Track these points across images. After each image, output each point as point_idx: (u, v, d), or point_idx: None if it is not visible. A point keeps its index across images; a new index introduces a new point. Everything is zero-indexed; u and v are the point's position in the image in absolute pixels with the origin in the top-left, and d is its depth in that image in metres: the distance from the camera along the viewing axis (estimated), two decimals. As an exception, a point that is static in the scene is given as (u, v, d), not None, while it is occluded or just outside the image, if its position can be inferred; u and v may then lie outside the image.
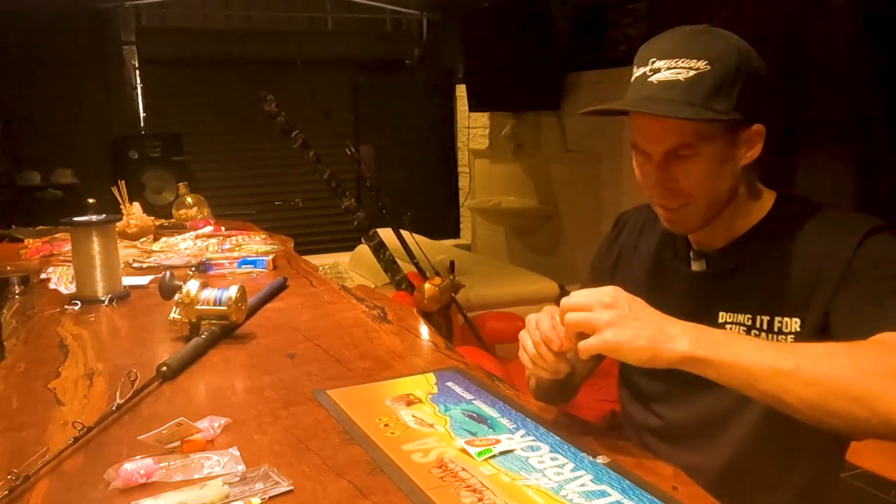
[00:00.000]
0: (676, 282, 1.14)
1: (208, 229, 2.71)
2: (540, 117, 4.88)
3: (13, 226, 2.90)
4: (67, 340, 1.47)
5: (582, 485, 0.81)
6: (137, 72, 5.30)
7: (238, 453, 0.91)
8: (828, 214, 1.04)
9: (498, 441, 0.92)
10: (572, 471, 0.85)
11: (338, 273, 5.15)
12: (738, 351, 0.85)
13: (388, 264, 3.37)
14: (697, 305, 1.08)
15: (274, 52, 5.68)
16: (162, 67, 5.35)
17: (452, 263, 3.25)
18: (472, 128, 5.86)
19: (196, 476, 0.86)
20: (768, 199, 1.09)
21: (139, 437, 0.94)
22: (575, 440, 0.92)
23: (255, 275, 2.03)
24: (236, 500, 0.79)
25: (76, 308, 1.71)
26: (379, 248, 3.37)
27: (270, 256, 2.13)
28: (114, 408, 1.03)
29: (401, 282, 3.33)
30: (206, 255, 2.24)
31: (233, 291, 1.40)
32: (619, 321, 0.87)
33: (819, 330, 0.98)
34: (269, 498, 0.80)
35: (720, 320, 1.06)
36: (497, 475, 0.84)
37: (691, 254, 1.13)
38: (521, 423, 0.98)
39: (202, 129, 5.55)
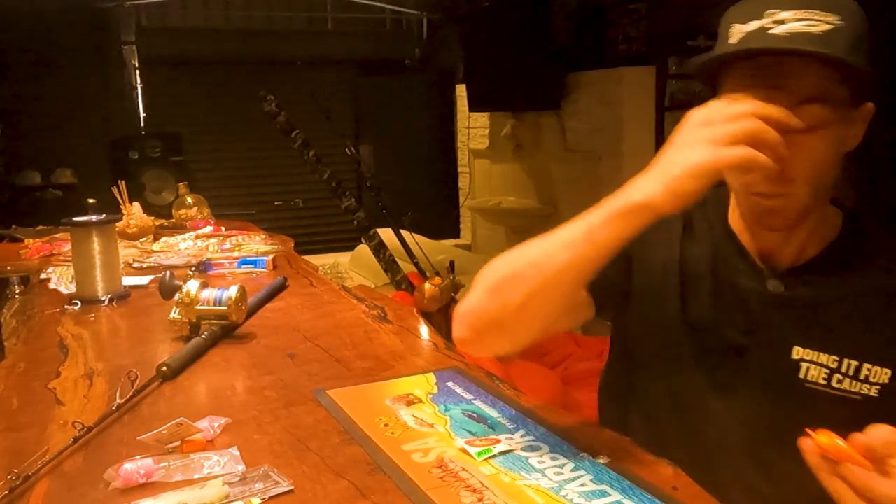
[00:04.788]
0: (746, 302, 0.97)
1: (208, 229, 2.71)
2: (540, 117, 4.88)
3: (13, 226, 2.89)
4: (67, 340, 1.47)
5: (582, 485, 0.81)
6: (137, 72, 5.30)
7: (238, 453, 0.91)
8: None
9: (498, 441, 0.92)
10: (572, 471, 0.85)
11: (338, 273, 5.15)
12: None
13: (388, 264, 3.37)
14: (772, 333, 0.95)
15: (274, 52, 5.68)
16: (162, 67, 5.35)
17: (452, 263, 3.25)
18: (472, 128, 5.86)
19: (196, 476, 0.86)
20: (834, 213, 0.97)
21: (139, 437, 0.94)
22: (575, 440, 0.92)
23: (255, 275, 2.03)
24: (236, 500, 0.79)
25: (76, 308, 1.71)
26: (379, 248, 3.37)
27: (270, 256, 2.13)
28: (114, 408, 1.03)
29: (401, 282, 3.33)
30: (206, 255, 2.24)
31: (233, 291, 1.40)
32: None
33: None
34: (269, 498, 0.80)
35: (795, 356, 0.93)
36: (497, 475, 0.84)
37: (765, 271, 0.97)
38: (521, 423, 0.98)
39: (202, 129, 5.55)
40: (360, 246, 4.53)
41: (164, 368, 1.19)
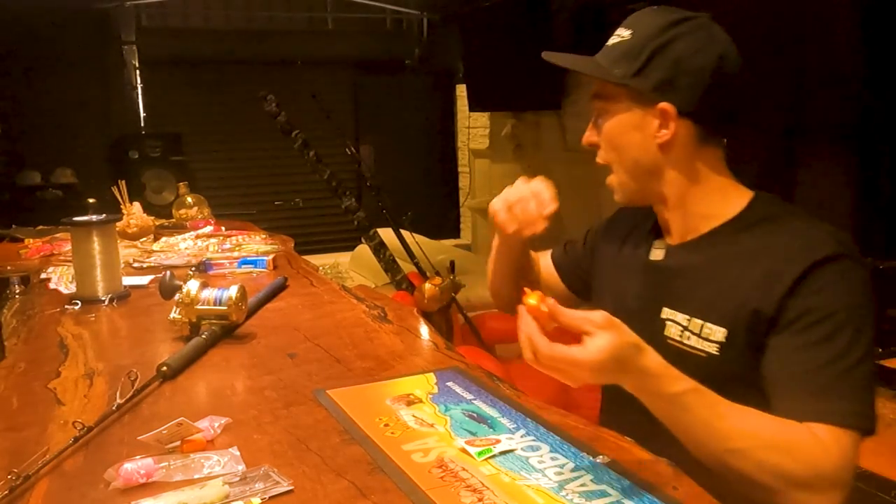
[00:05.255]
0: (635, 266, 1.17)
1: (208, 229, 2.71)
2: (540, 117, 4.88)
3: (13, 226, 2.90)
4: (67, 340, 1.47)
5: (582, 485, 0.81)
6: (137, 72, 5.30)
7: (238, 453, 0.91)
8: (792, 225, 1.02)
9: (498, 441, 0.92)
10: (572, 471, 0.85)
11: (338, 273, 5.15)
12: (682, 428, 0.89)
13: (389, 264, 3.37)
14: (647, 294, 1.12)
15: (274, 52, 5.68)
16: (162, 67, 5.35)
17: (452, 263, 3.25)
18: (472, 128, 5.86)
19: (196, 476, 0.86)
20: (744, 199, 1.08)
21: (139, 437, 0.94)
22: (575, 440, 0.92)
23: (255, 275, 2.03)
24: (236, 500, 0.79)
25: (76, 308, 1.71)
26: (379, 248, 3.37)
27: (270, 256, 2.13)
28: (114, 408, 1.03)
29: (401, 282, 3.33)
30: (206, 255, 2.24)
31: (233, 291, 1.40)
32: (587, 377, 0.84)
33: (740, 351, 0.98)
34: (269, 498, 0.80)
35: (662, 315, 1.07)
36: (497, 475, 0.84)
37: (655, 242, 1.16)
38: (521, 423, 0.98)
39: (202, 129, 5.55)
40: (360, 246, 4.53)
41: (164, 368, 1.19)
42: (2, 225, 2.98)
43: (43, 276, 2.07)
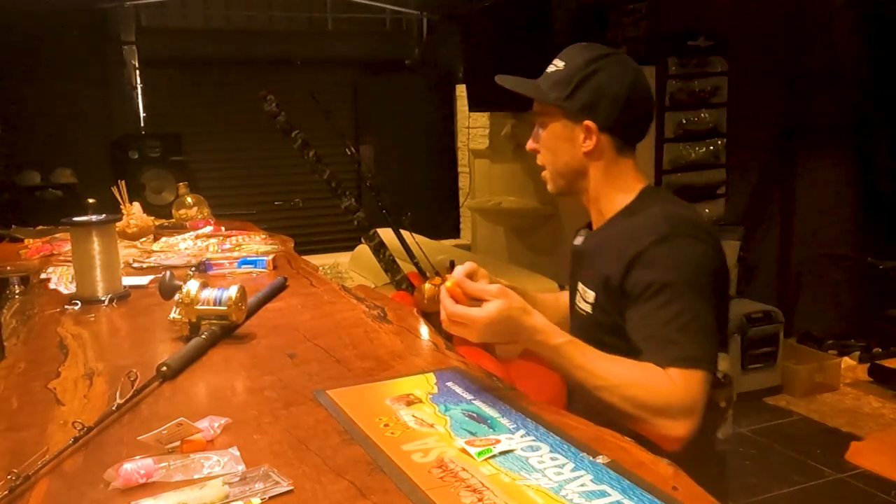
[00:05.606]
0: (573, 252, 1.48)
1: (208, 229, 2.71)
2: (540, 117, 4.87)
3: (13, 226, 2.90)
4: (67, 340, 1.47)
5: (582, 485, 0.81)
6: (137, 72, 5.29)
7: (238, 453, 0.91)
8: (650, 211, 1.28)
9: (498, 441, 0.92)
10: (572, 471, 0.85)
11: (338, 273, 5.15)
12: (565, 371, 1.15)
13: (388, 264, 3.36)
14: (573, 272, 1.43)
15: (274, 52, 5.67)
16: (162, 67, 5.34)
17: (452, 263, 3.23)
18: (472, 128, 5.85)
19: (196, 476, 0.86)
20: (630, 189, 1.35)
21: (139, 437, 0.94)
22: (575, 440, 0.92)
23: (255, 275, 2.03)
24: (236, 500, 0.79)
25: (76, 308, 1.71)
26: (379, 248, 3.36)
27: (270, 256, 2.13)
28: (114, 408, 1.03)
29: (401, 282, 3.32)
30: (206, 255, 2.24)
31: (233, 291, 1.40)
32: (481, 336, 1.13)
33: (602, 309, 1.28)
34: (269, 498, 0.80)
35: (578, 290, 1.37)
36: (497, 475, 0.84)
37: (584, 231, 1.47)
38: (521, 423, 0.98)
39: (202, 129, 5.54)
40: (360, 246, 4.52)
41: (164, 368, 1.19)
42: (2, 225, 2.98)
43: (43, 276, 2.07)
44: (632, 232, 1.25)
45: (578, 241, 1.46)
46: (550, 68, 1.36)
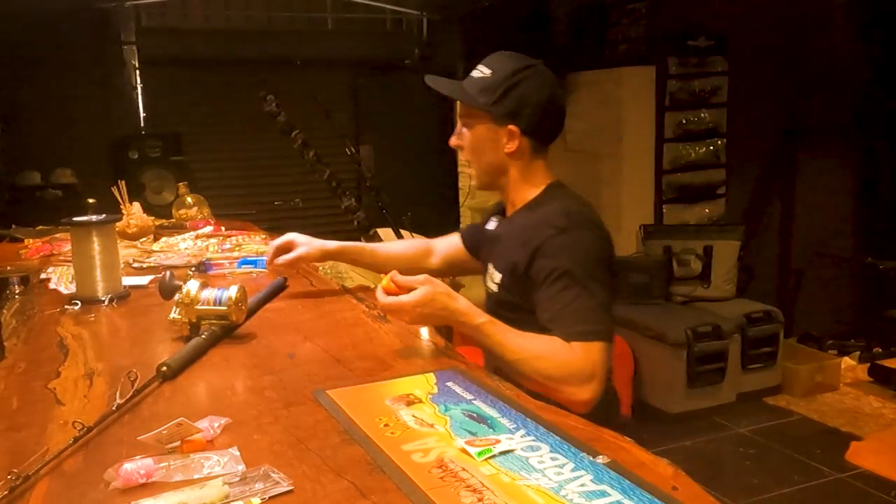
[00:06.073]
0: (487, 235, 1.63)
1: (208, 229, 2.71)
2: (540, 117, 4.88)
3: (13, 226, 2.89)
4: (67, 340, 1.47)
5: (582, 485, 0.81)
6: (137, 72, 5.29)
7: (238, 453, 0.91)
8: (551, 205, 1.45)
9: (498, 441, 0.92)
10: (572, 471, 0.85)
11: (338, 273, 5.14)
12: (487, 347, 1.34)
13: (388, 264, 3.36)
14: (485, 255, 1.61)
15: (274, 52, 5.66)
16: (162, 67, 5.33)
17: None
18: (472, 128, 5.85)
19: (196, 476, 0.86)
20: (540, 184, 1.51)
21: (139, 437, 0.94)
22: (575, 440, 0.92)
23: (255, 275, 2.03)
24: (236, 500, 0.79)
25: (76, 308, 1.71)
26: (379, 248, 3.36)
27: (270, 256, 2.12)
28: (114, 408, 1.03)
29: (401, 282, 3.32)
30: (206, 255, 2.24)
31: (233, 291, 1.40)
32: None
33: (507, 289, 1.46)
34: (269, 498, 0.80)
35: (488, 270, 1.54)
36: (497, 475, 0.84)
37: (497, 217, 1.62)
38: (521, 423, 0.98)
39: (202, 129, 5.54)
40: (360, 246, 4.51)
41: (164, 368, 1.19)
42: (2, 225, 2.97)
43: (43, 276, 2.07)
44: (535, 224, 1.42)
45: (491, 225, 1.63)
46: (476, 74, 1.49)
